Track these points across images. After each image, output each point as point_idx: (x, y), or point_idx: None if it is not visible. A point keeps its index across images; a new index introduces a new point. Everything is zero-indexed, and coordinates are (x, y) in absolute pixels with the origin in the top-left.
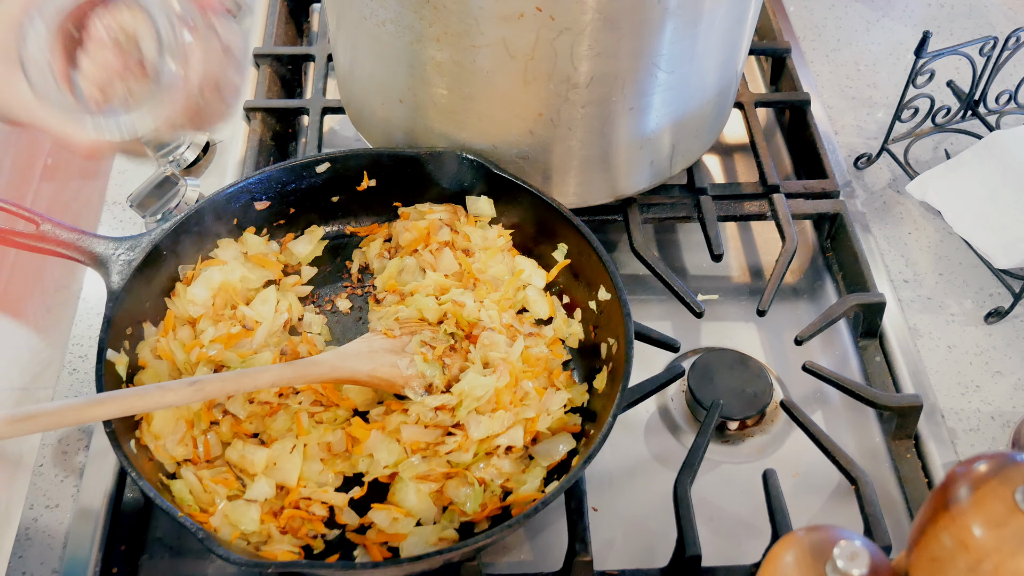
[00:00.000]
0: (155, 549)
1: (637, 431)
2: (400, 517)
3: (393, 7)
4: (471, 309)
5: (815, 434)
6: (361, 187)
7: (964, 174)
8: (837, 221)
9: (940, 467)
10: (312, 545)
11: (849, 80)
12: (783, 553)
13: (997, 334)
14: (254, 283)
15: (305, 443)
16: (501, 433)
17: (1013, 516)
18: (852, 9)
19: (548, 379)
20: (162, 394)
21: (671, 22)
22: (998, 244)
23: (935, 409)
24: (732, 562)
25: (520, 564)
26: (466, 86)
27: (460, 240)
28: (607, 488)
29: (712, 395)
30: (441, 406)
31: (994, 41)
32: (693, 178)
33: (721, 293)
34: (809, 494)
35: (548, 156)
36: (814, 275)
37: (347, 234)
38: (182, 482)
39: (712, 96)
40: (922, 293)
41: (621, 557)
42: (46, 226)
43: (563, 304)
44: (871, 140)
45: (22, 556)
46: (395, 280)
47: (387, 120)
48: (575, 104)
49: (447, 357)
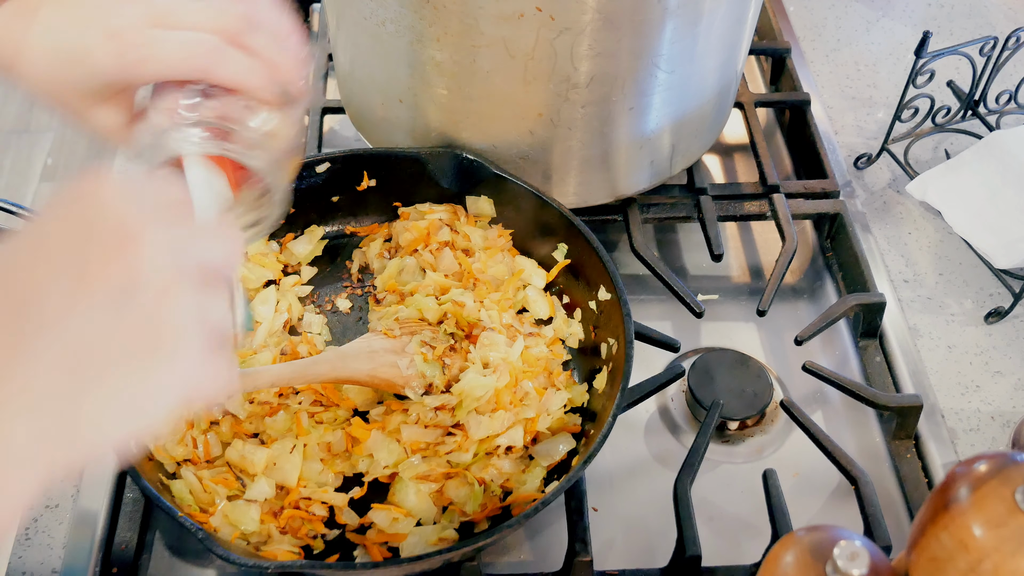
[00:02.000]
0: (155, 549)
1: (637, 431)
2: (400, 517)
3: (393, 7)
4: (471, 309)
5: (815, 434)
6: (361, 187)
7: (964, 174)
8: (837, 221)
9: (940, 467)
10: (312, 545)
11: (849, 80)
12: (783, 553)
13: (997, 334)
14: (254, 283)
15: (305, 443)
16: (501, 433)
17: (1013, 516)
18: (852, 9)
19: (548, 379)
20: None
21: (671, 22)
22: (998, 244)
23: (935, 409)
24: (732, 562)
25: (520, 564)
26: (466, 86)
27: (460, 240)
28: (607, 488)
29: (712, 395)
30: (441, 406)
31: (994, 41)
32: (693, 178)
33: (721, 293)
34: (809, 494)
35: (548, 156)
36: (814, 275)
37: (347, 234)
38: (182, 482)
39: (712, 96)
40: (922, 293)
41: (621, 557)
42: None
43: (563, 304)
44: (871, 140)
45: (22, 556)
46: (395, 280)
47: (387, 120)
48: (575, 104)
49: (447, 357)
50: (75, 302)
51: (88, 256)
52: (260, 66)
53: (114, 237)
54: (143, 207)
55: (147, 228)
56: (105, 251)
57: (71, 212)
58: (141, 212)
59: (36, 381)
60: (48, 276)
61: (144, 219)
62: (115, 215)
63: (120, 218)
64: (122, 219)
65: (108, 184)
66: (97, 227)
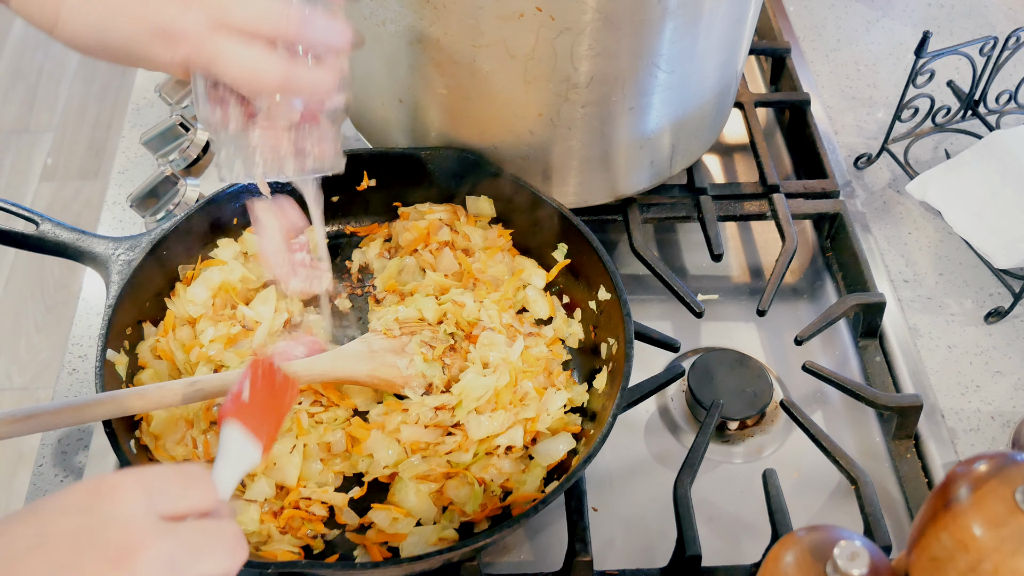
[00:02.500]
0: None
1: (637, 431)
2: (400, 517)
3: (393, 7)
4: (471, 309)
5: (815, 434)
6: (361, 187)
7: (964, 174)
8: (837, 221)
9: (940, 467)
10: (312, 545)
11: (849, 80)
12: (783, 553)
13: (997, 334)
14: (254, 283)
15: (305, 443)
16: (501, 433)
17: (1013, 516)
18: (852, 9)
19: (548, 379)
20: (161, 394)
21: (671, 22)
22: (998, 244)
23: (935, 409)
24: (732, 562)
25: (520, 564)
26: (466, 86)
27: (460, 240)
28: (607, 488)
29: (712, 395)
30: (441, 406)
31: (994, 41)
32: (693, 178)
33: (721, 293)
34: (809, 494)
35: (548, 156)
36: (814, 275)
37: (347, 234)
38: None
39: (712, 96)
40: (922, 293)
41: (621, 557)
42: (46, 226)
43: (563, 304)
44: (871, 140)
45: None
46: (395, 280)
47: (387, 120)
48: (575, 104)
49: (447, 357)
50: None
51: (85, 561)
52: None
53: (116, 548)
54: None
55: (150, 546)
56: (102, 562)
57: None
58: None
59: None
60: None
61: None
62: (125, 524)
63: (128, 528)
64: (130, 530)
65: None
66: (103, 532)
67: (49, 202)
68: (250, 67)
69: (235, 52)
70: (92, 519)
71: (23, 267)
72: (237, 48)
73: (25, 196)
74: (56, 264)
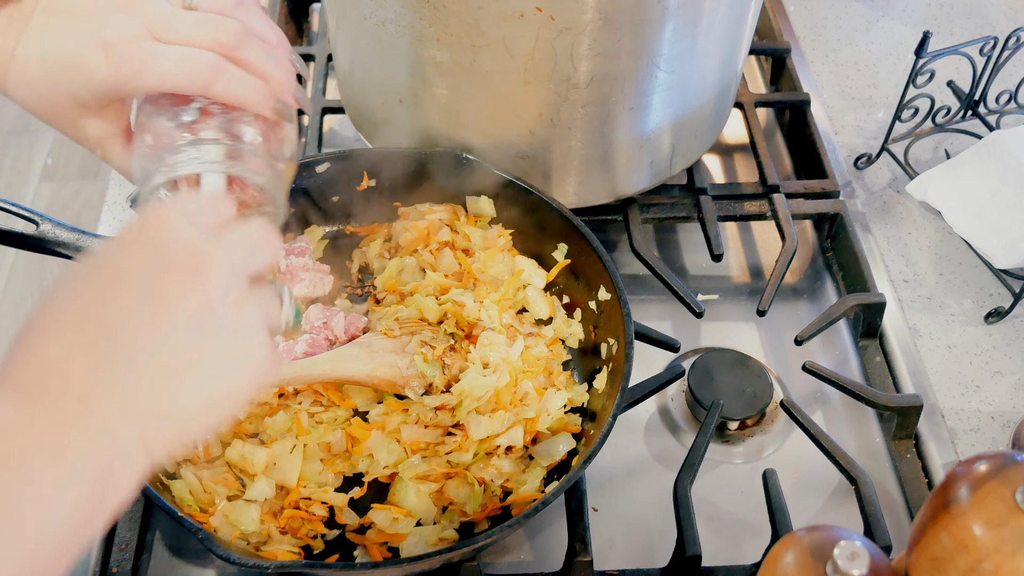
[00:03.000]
0: (155, 549)
1: (637, 431)
2: (400, 517)
3: (393, 7)
4: (471, 309)
5: (815, 434)
6: (361, 187)
7: (964, 174)
8: (837, 221)
9: (940, 467)
10: (312, 545)
11: (849, 80)
12: (783, 553)
13: (997, 334)
14: None
15: (305, 443)
16: (501, 433)
17: (1013, 516)
18: (852, 9)
19: (548, 379)
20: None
21: (671, 22)
22: (998, 244)
23: (935, 409)
24: (732, 562)
25: (520, 564)
26: (466, 86)
27: (460, 240)
28: (607, 488)
29: (712, 395)
30: (441, 406)
31: (994, 41)
32: (693, 178)
33: (721, 293)
34: (809, 494)
35: (548, 156)
36: (814, 275)
37: (347, 234)
38: (182, 482)
39: (712, 96)
40: (922, 293)
41: (621, 557)
42: (46, 226)
43: (563, 304)
44: (871, 140)
45: None
46: (395, 280)
47: (387, 120)
48: (575, 104)
49: (447, 357)
50: (159, 325)
51: (165, 283)
52: (258, 81)
53: (186, 265)
54: (205, 232)
55: (212, 253)
56: (180, 278)
57: (145, 242)
58: (205, 237)
59: (138, 394)
60: (132, 304)
61: (209, 245)
62: (184, 244)
63: (189, 246)
64: (191, 247)
65: (173, 213)
66: (170, 256)
67: (49, 202)
68: (182, 57)
69: (169, 48)
70: (155, 249)
71: (23, 267)
72: (171, 47)
73: (25, 196)
74: (56, 264)
